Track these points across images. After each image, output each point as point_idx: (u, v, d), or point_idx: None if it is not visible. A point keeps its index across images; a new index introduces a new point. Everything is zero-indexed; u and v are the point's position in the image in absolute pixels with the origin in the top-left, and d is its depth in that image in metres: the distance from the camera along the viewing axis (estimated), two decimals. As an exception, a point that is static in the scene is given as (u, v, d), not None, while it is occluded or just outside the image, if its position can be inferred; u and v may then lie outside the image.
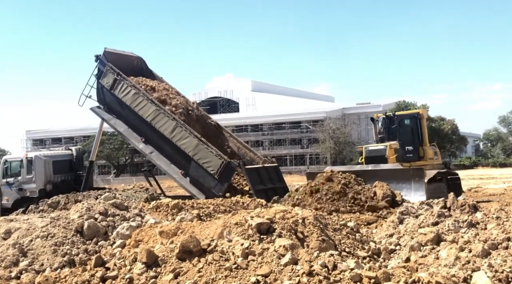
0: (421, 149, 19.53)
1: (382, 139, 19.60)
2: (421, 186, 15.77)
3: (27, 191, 19.68)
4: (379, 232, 9.87)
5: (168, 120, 18.52)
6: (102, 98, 20.28)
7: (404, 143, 19.17)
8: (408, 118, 20.21)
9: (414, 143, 19.50)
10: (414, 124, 19.86)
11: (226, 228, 7.80)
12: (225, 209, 13.57)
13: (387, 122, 19.74)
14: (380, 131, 19.97)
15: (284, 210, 8.44)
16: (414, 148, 19.39)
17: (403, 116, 20.47)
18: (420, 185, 15.81)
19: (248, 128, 78.15)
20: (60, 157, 21.00)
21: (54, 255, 9.39)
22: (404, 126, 19.79)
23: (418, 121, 19.85)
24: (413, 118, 20.00)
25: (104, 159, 73.96)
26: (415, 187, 15.78)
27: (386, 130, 19.66)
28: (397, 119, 19.69)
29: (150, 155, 19.29)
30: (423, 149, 19.56)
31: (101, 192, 18.23)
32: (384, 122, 19.84)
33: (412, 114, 20.73)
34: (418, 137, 19.71)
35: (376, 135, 20.17)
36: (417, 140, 19.62)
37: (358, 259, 7.40)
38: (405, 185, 15.87)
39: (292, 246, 7.18)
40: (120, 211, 11.24)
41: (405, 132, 19.59)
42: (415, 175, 16.06)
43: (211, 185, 17.50)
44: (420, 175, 16.08)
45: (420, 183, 15.85)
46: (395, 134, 19.39)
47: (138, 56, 22.12)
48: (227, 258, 7.08)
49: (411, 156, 19.27)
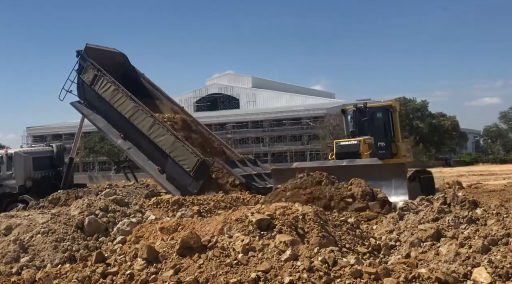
0: (393, 145, 17.74)
1: (353, 134, 17.71)
2: (403, 184, 14.25)
3: (6, 187, 19.67)
4: (379, 228, 9.87)
5: (146, 117, 18.71)
6: (83, 93, 20.38)
7: (376, 138, 17.36)
8: (380, 111, 18.37)
9: (386, 139, 17.75)
10: (386, 117, 18.06)
11: (226, 224, 7.81)
12: (225, 205, 13.59)
13: (358, 115, 17.81)
14: (350, 125, 18.20)
15: (285, 206, 8.45)
16: (386, 144, 17.63)
17: (375, 108, 18.58)
18: (401, 182, 14.28)
19: (248, 124, 78.06)
20: (40, 153, 20.98)
21: (55, 251, 9.40)
22: (376, 119, 18.09)
23: (391, 114, 18.04)
24: (386, 111, 18.18)
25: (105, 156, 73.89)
26: (396, 185, 14.20)
27: (357, 123, 17.79)
28: (369, 111, 17.85)
29: (128, 151, 19.52)
30: (396, 146, 17.79)
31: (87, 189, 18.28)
32: (355, 115, 17.88)
33: (384, 106, 18.78)
34: (390, 132, 17.91)
35: (347, 129, 18.54)
36: (389, 135, 17.84)
37: (358, 255, 7.41)
38: (385, 182, 14.21)
39: (293, 242, 7.19)
40: (120, 207, 11.26)
41: (377, 126, 17.87)
42: (396, 172, 14.58)
43: (187, 182, 17.71)
44: (401, 172, 14.67)
45: (401, 180, 14.33)
46: (367, 128, 17.64)
47: (120, 52, 22.17)
48: (228, 254, 7.09)
49: (384, 153, 17.26)
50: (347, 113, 18.54)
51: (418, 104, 74.35)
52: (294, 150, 73.73)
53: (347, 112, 18.60)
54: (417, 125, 74.21)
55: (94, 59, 20.14)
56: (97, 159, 78.29)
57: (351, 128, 18.05)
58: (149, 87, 22.05)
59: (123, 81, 20.50)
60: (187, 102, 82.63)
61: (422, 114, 74.46)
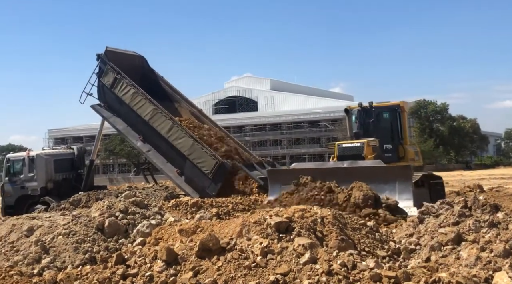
0: (401, 148, 16.72)
1: (357, 135, 16.68)
2: (408, 188, 13.33)
3: (29, 189, 19.92)
4: (399, 231, 9.79)
5: (165, 119, 18.80)
6: (103, 96, 20.55)
7: (382, 140, 16.34)
8: (387, 111, 17.15)
9: (393, 141, 16.79)
10: (394, 118, 16.99)
11: (245, 226, 7.81)
12: (244, 207, 13.61)
13: (362, 115, 16.83)
14: (354, 126, 17.14)
15: (303, 209, 8.43)
16: (393, 147, 16.66)
17: (381, 108, 17.21)
18: (406, 186, 13.36)
19: (266, 127, 78.16)
20: (62, 155, 21.22)
21: (75, 253, 9.50)
22: (383, 120, 17.03)
23: (398, 115, 16.96)
24: (393, 111, 17.01)
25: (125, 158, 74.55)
26: (400, 189, 13.33)
27: (362, 124, 16.79)
28: (375, 111, 16.81)
29: (147, 153, 19.61)
30: (404, 148, 16.76)
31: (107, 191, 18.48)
32: (360, 115, 16.88)
33: (392, 106, 17.27)
34: (397, 133, 16.89)
35: (350, 130, 17.44)
36: (396, 137, 16.85)
37: (377, 258, 7.35)
38: (388, 186, 13.40)
39: (311, 245, 7.16)
40: (140, 209, 11.33)
41: (383, 128, 16.87)
42: (400, 175, 13.65)
43: (205, 184, 17.73)
44: (406, 175, 13.68)
45: (406, 184, 13.41)
46: (372, 130, 16.63)
47: (139, 55, 22.33)
48: (246, 257, 7.09)
49: (390, 156, 16.33)
50: (351, 113, 17.42)
51: (438, 107, 73.67)
52: (312, 152, 73.59)
53: (351, 112, 17.47)
54: (437, 127, 73.54)
55: (114, 62, 20.34)
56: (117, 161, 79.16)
57: (355, 129, 17.04)
58: (168, 89, 22.17)
59: (142, 83, 20.65)
60: (205, 104, 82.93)
61: (442, 116, 73.79)
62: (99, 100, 20.77)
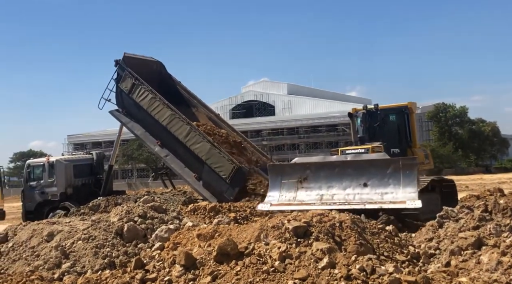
0: (409, 151, 16.02)
1: (362, 140, 16.10)
2: (413, 181, 12.64)
3: (49, 194, 20.11)
4: (418, 236, 9.71)
5: (183, 124, 18.91)
6: (121, 102, 20.73)
7: (389, 144, 15.64)
8: (394, 113, 16.50)
9: (401, 144, 16.10)
10: (402, 120, 16.33)
11: (263, 231, 7.81)
12: (262, 212, 13.59)
13: (368, 118, 16.18)
14: (359, 130, 16.49)
15: (321, 213, 8.40)
16: (401, 150, 15.93)
17: (387, 110, 16.59)
18: (411, 179, 12.67)
19: (284, 131, 78.07)
20: (81, 161, 21.43)
21: (95, 257, 9.58)
22: (389, 123, 16.38)
23: (406, 116, 16.27)
24: (400, 113, 16.36)
25: (143, 163, 75.01)
26: (405, 182, 12.69)
27: (367, 128, 16.14)
28: (381, 114, 16.18)
29: (165, 158, 19.73)
30: (412, 152, 16.03)
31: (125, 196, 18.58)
32: (365, 118, 16.19)
33: (399, 108, 16.61)
34: (406, 136, 16.21)
35: (355, 135, 16.78)
36: (404, 141, 16.16)
37: (397, 263, 7.31)
38: (392, 179, 12.83)
39: (330, 249, 7.14)
40: (158, 214, 11.40)
41: (391, 131, 16.22)
42: (405, 167, 12.90)
43: (223, 189, 17.78)
44: (411, 167, 12.89)
45: (411, 176, 12.71)
46: (378, 133, 15.99)
47: (157, 61, 22.49)
48: (265, 261, 7.09)
49: None
50: (356, 116, 16.73)
51: (457, 110, 72.96)
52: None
53: (355, 115, 16.78)
54: (456, 131, 72.82)
55: (132, 68, 20.53)
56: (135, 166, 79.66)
57: (360, 133, 16.39)
58: (185, 94, 22.31)
59: (160, 89, 20.80)
60: (223, 109, 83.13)
61: (462, 120, 73.05)
62: (117, 106, 20.97)
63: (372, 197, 12.78)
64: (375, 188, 12.91)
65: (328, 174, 13.57)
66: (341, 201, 12.98)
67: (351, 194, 13.09)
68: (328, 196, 13.32)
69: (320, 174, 13.65)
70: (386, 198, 12.65)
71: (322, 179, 13.62)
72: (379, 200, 12.69)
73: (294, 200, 13.59)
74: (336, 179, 13.44)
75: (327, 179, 13.55)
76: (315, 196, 13.44)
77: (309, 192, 13.60)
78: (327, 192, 13.38)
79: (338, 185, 13.34)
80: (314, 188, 13.60)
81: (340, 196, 13.18)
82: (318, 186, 13.59)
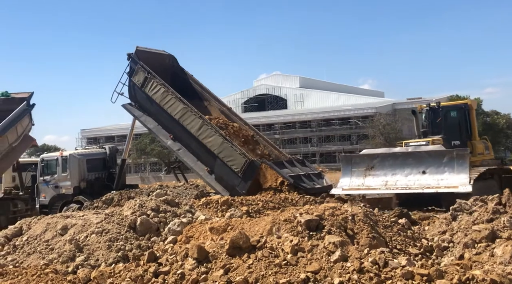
0: (469, 143, 17.70)
1: (425, 133, 18.05)
2: (465, 168, 14.79)
3: (62, 188, 20.25)
4: (431, 229, 9.68)
5: (195, 118, 18.92)
6: (134, 96, 20.79)
7: (450, 137, 17.57)
8: (454, 109, 18.55)
9: (461, 137, 17.80)
10: (462, 116, 18.18)
11: (275, 224, 7.82)
12: (274, 205, 13.61)
13: (431, 115, 18.20)
14: (423, 125, 18.47)
15: (333, 206, 8.40)
16: (461, 143, 17.62)
17: (449, 107, 18.87)
18: (463, 166, 14.83)
19: (296, 124, 77.87)
20: (94, 155, 21.51)
21: (108, 251, 9.66)
22: (450, 118, 18.20)
23: (467, 112, 18.20)
24: (460, 109, 18.34)
25: (156, 157, 75.34)
26: (459, 169, 14.84)
27: (430, 123, 18.16)
28: (442, 111, 18.16)
29: (177, 152, 19.77)
30: (472, 144, 17.78)
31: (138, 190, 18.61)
32: (428, 115, 18.27)
33: (459, 105, 19.01)
34: (466, 130, 18.02)
35: (418, 129, 18.63)
36: (465, 134, 17.93)
37: (409, 256, 7.28)
38: (448, 168, 15.00)
39: (342, 243, 7.13)
40: (171, 208, 11.45)
41: (451, 125, 18.02)
42: (458, 156, 15.08)
43: (235, 183, 17.82)
44: (463, 156, 15.04)
45: (463, 164, 14.87)
46: (440, 128, 17.92)
47: (169, 54, 22.50)
48: (277, 255, 7.10)
49: None
50: (420, 112, 18.83)
51: (471, 101, 72.33)
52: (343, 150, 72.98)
53: (419, 111, 18.88)
54: (470, 123, 72.18)
55: (144, 61, 20.57)
56: (148, 160, 79.98)
57: (423, 128, 18.44)
58: (197, 88, 22.33)
59: (172, 82, 20.84)
60: (235, 102, 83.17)
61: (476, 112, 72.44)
62: (130, 100, 21.04)
63: (430, 183, 15.04)
64: (432, 175, 15.17)
65: (392, 163, 16.00)
66: (403, 186, 15.45)
67: (412, 180, 15.42)
68: (392, 182, 15.72)
69: (385, 163, 16.10)
70: (441, 184, 14.86)
71: (387, 167, 16.07)
72: (435, 185, 14.92)
73: (362, 185, 16.13)
74: (399, 167, 15.85)
75: (391, 168, 15.97)
76: (381, 182, 15.88)
77: (375, 178, 16.08)
78: (391, 179, 15.78)
79: (401, 173, 15.72)
80: (380, 175, 16.07)
81: (402, 182, 15.56)
82: (384, 173, 16.03)
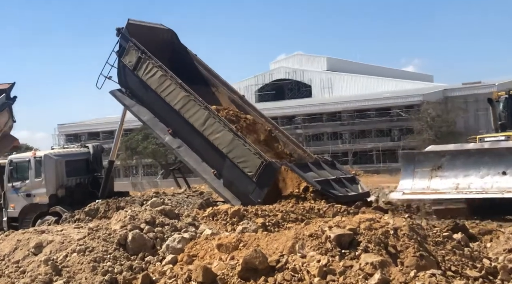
0: None
1: (504, 127, 18.21)
2: None
3: (36, 197, 20.25)
4: (495, 246, 9.61)
5: (200, 109, 18.70)
6: (124, 80, 20.60)
7: None
8: None
9: None
10: None
11: (298, 240, 7.81)
12: (296, 217, 13.61)
13: (510, 104, 18.40)
14: (501, 116, 18.60)
15: (371, 218, 8.36)
16: None
17: None
18: None
19: (323, 117, 77.86)
20: (75, 156, 21.42)
21: (93, 273, 9.69)
22: None
23: None
24: None
25: (150, 157, 75.69)
26: None
27: (510, 114, 18.32)
28: None
29: (177, 150, 19.61)
30: None
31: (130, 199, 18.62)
32: (507, 104, 18.44)
33: None
34: None
35: (495, 121, 18.78)
36: None
37: (468, 280, 7.24)
38: None
39: (382, 263, 7.12)
40: (170, 220, 11.47)
41: None
42: None
43: (249, 189, 17.59)
44: None
45: None
46: None
47: (168, 29, 22.34)
48: (301, 278, 7.09)
49: None
50: (497, 101, 18.86)
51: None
52: (381, 147, 72.87)
53: (495, 100, 18.91)
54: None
55: (138, 38, 20.45)
56: (141, 162, 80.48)
57: (501, 120, 18.48)
58: (203, 71, 22.25)
59: (172, 64, 20.76)
60: (247, 90, 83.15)
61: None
62: (119, 85, 20.97)
63: (511, 186, 14.77)
64: None
65: (464, 162, 15.84)
66: (478, 190, 15.30)
67: (489, 182, 15.19)
68: (464, 184, 15.57)
69: (456, 162, 15.95)
70: None
71: (458, 167, 15.93)
72: None
73: (428, 189, 16.04)
74: (473, 167, 15.65)
75: (464, 167, 15.81)
76: (451, 185, 15.74)
77: (444, 180, 15.94)
78: (463, 181, 15.60)
79: (475, 174, 15.53)
80: (449, 177, 15.92)
81: (477, 185, 15.37)
82: (454, 174, 15.88)
